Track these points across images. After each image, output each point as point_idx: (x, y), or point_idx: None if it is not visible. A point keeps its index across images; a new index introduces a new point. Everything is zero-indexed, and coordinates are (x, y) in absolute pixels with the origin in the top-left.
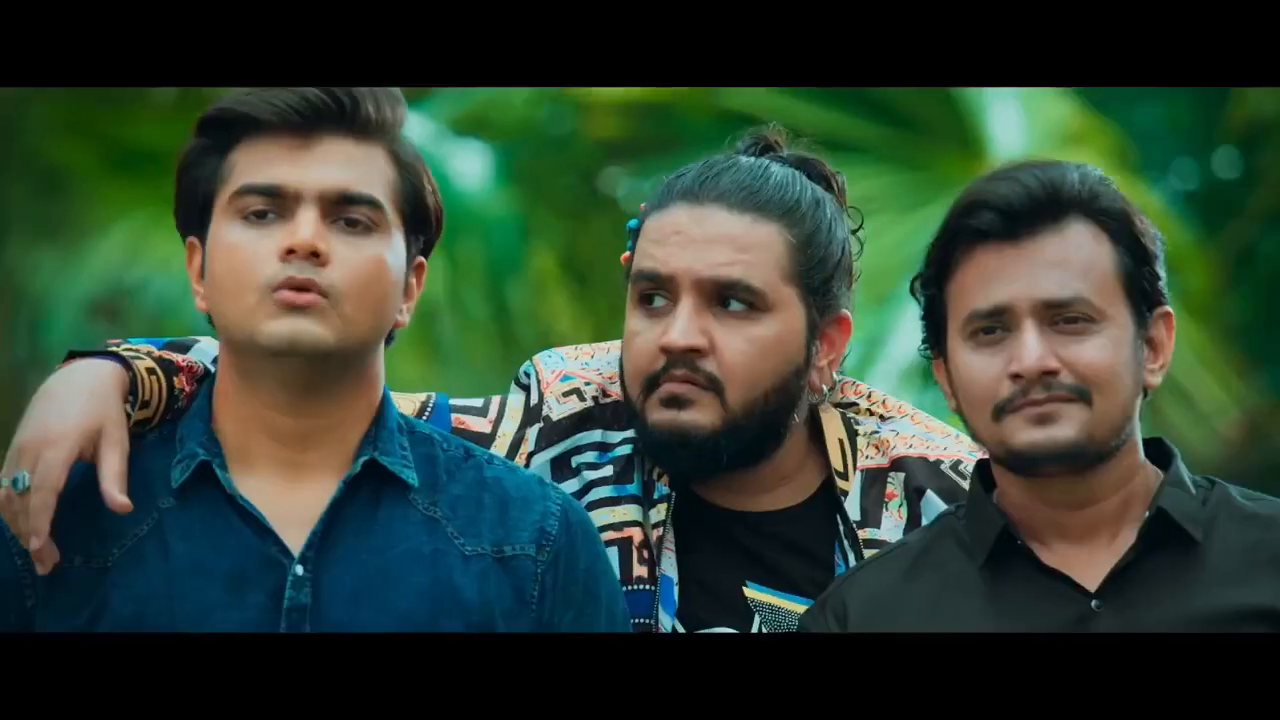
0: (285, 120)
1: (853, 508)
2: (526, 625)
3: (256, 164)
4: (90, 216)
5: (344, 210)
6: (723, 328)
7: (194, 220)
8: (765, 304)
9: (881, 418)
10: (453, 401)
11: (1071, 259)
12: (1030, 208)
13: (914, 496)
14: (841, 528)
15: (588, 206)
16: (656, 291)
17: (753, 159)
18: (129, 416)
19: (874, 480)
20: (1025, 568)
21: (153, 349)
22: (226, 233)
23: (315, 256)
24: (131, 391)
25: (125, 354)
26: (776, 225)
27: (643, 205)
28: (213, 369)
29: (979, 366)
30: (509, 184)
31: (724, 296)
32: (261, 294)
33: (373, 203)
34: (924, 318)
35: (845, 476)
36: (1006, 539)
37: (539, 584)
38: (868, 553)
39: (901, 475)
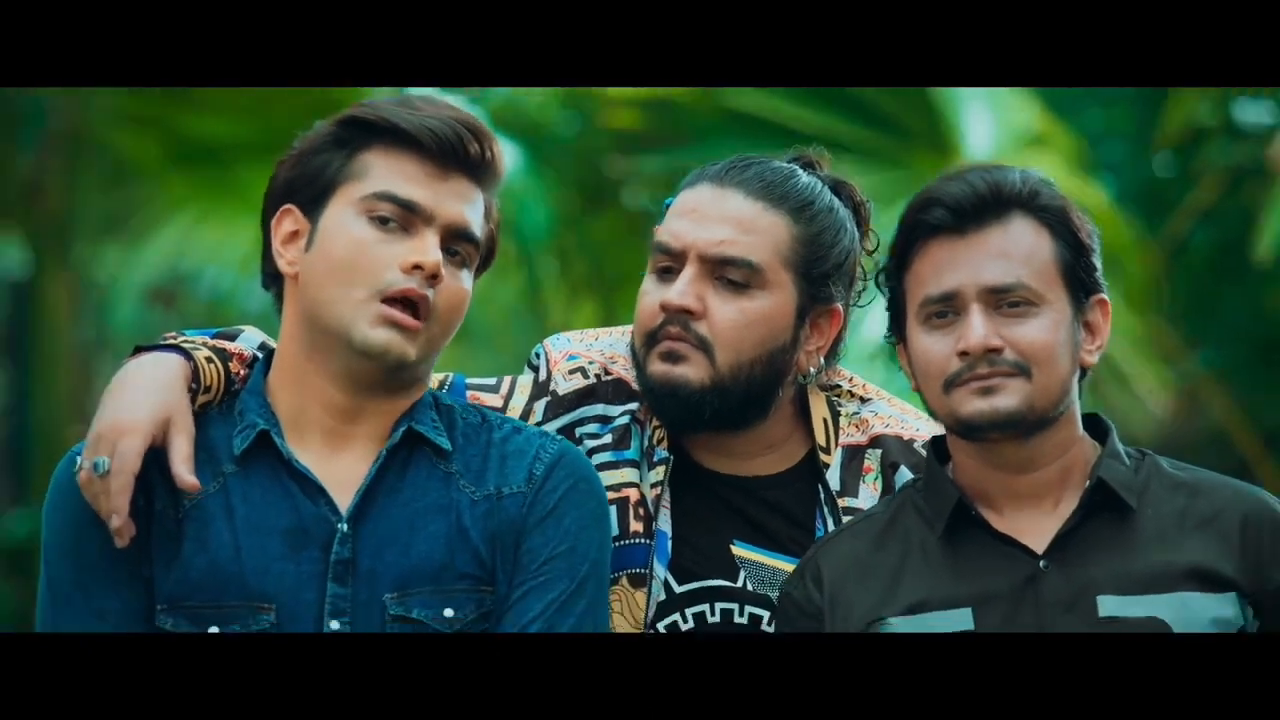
0: (431, 145)
1: (834, 479)
2: (516, 551)
3: (394, 176)
4: (151, 209)
5: (455, 243)
6: (717, 296)
7: (305, 196)
8: (759, 281)
9: (862, 399)
10: (469, 380)
11: (1013, 250)
12: (977, 205)
13: (889, 471)
14: (823, 495)
15: (601, 196)
16: (670, 263)
17: (787, 164)
18: (193, 403)
19: (853, 455)
20: (980, 534)
21: (206, 339)
22: (352, 226)
23: (435, 279)
24: (194, 379)
25: (185, 346)
26: (785, 217)
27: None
28: (260, 354)
29: (932, 346)
30: (533, 176)
31: (723, 269)
32: (372, 294)
33: (476, 243)
34: (888, 308)
35: (828, 451)
36: (961, 510)
37: (525, 508)
38: (845, 518)
39: (879, 452)
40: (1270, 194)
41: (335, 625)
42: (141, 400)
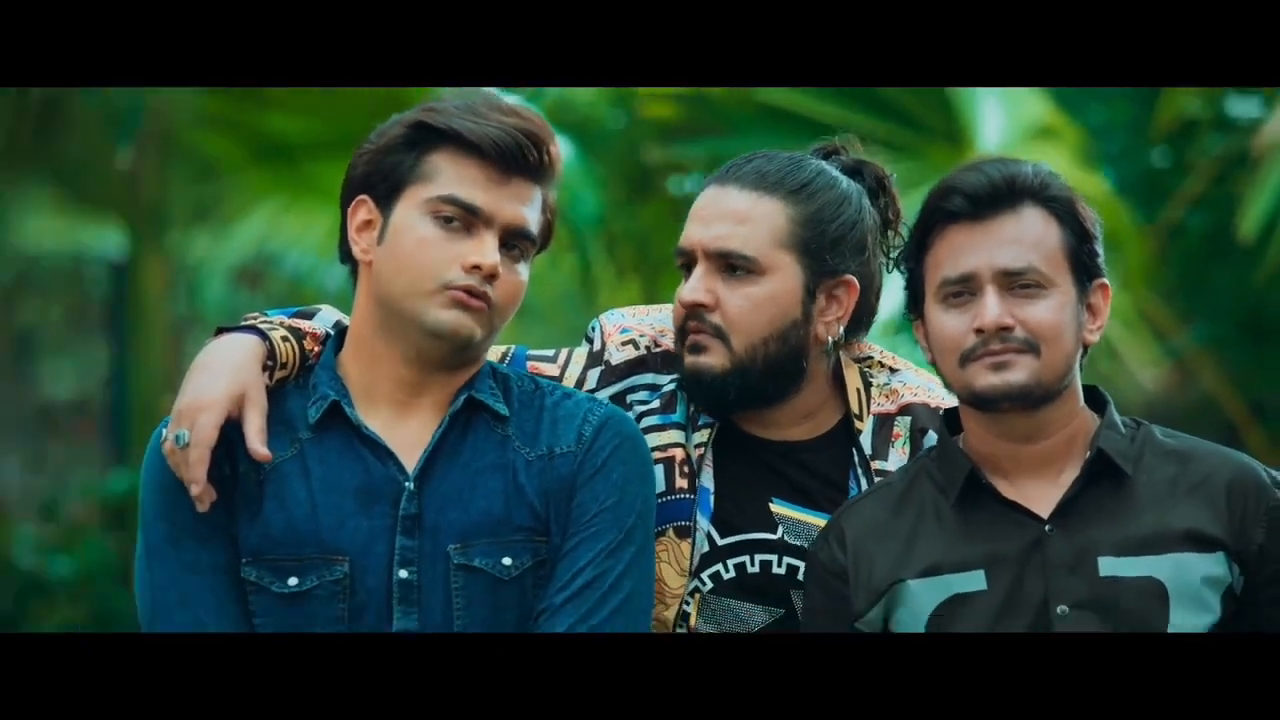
0: (492, 153)
1: (866, 443)
2: (568, 506)
3: (460, 180)
4: (234, 200)
5: (514, 241)
6: (726, 287)
7: (379, 191)
8: (759, 268)
9: (891, 370)
10: (529, 352)
11: (1025, 236)
12: (992, 194)
13: (917, 436)
14: (856, 458)
15: (646, 185)
16: (687, 263)
17: (792, 154)
18: (270, 378)
19: (883, 423)
20: (989, 501)
21: (284, 319)
22: (419, 225)
23: (492, 277)
24: (270, 357)
25: (262, 326)
26: (780, 202)
27: None
28: (332, 332)
29: (949, 323)
30: (584, 167)
31: (726, 260)
32: (438, 287)
33: (533, 239)
34: (906, 287)
35: (860, 418)
36: (973, 478)
37: (575, 466)
38: (876, 479)
39: (907, 419)
40: (1255, 179)
41: (404, 574)
42: (218, 379)
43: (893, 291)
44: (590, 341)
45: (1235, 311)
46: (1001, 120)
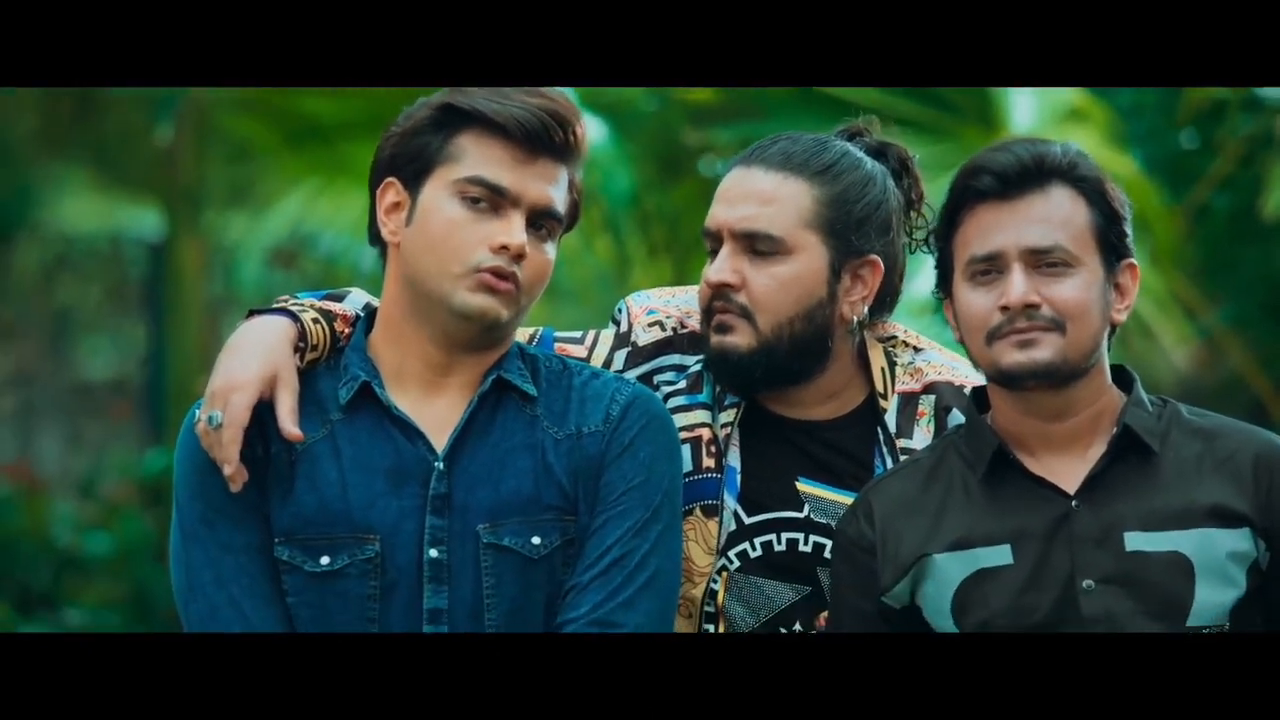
0: (517, 134)
1: (891, 422)
2: (596, 485)
3: (486, 161)
4: (270, 182)
5: (541, 220)
6: (753, 267)
7: (407, 172)
8: (785, 248)
9: (915, 349)
10: (556, 334)
11: (1053, 215)
12: (1020, 173)
13: (942, 414)
14: (881, 437)
15: (678, 166)
16: (714, 245)
17: (817, 135)
18: (301, 360)
19: (908, 401)
20: (1017, 477)
21: (314, 301)
22: (447, 206)
23: (520, 257)
24: (301, 339)
25: (293, 309)
26: (806, 182)
27: None
28: (362, 314)
29: (977, 301)
30: (617, 148)
31: (751, 241)
32: (467, 269)
33: (560, 219)
34: (936, 266)
35: (885, 397)
36: (1001, 454)
37: (603, 445)
38: (902, 458)
39: (932, 398)
40: (1279, 161)
41: (434, 553)
42: (250, 361)
43: (923, 272)
44: (617, 323)
45: (1260, 292)
46: (1032, 103)
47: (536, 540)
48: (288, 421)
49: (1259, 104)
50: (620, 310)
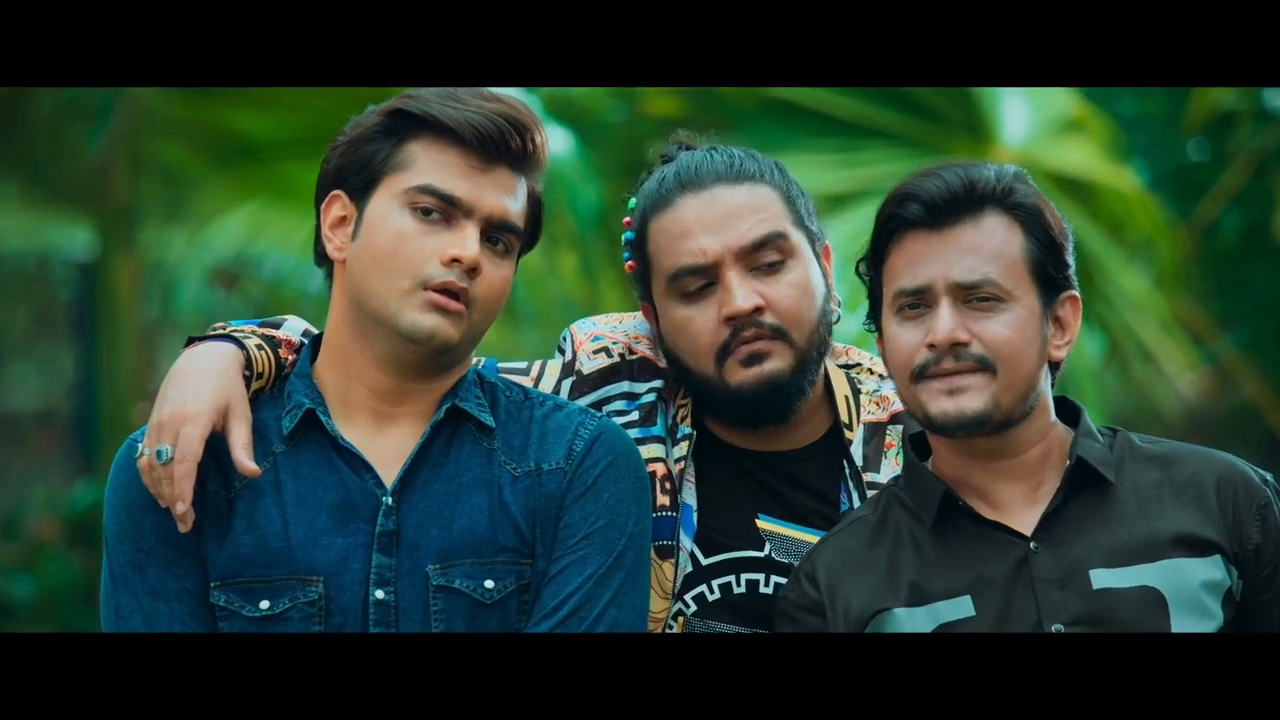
0: (472, 140)
1: (857, 454)
2: (555, 526)
3: (437, 169)
4: (209, 200)
5: (497, 233)
6: (766, 284)
7: (353, 184)
8: (791, 250)
9: (881, 377)
10: (500, 365)
11: (984, 246)
12: (950, 201)
13: (905, 447)
14: (847, 470)
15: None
16: (704, 280)
17: (700, 151)
18: (247, 388)
19: (875, 432)
20: (968, 523)
21: (254, 328)
22: (396, 218)
23: (473, 271)
24: (247, 366)
25: (236, 335)
26: (766, 185)
27: (627, 220)
28: (305, 340)
29: (902, 337)
30: (584, 161)
31: (759, 255)
32: (415, 285)
33: (518, 233)
34: (868, 297)
35: (850, 428)
36: (949, 501)
37: (564, 484)
38: (870, 493)
39: (899, 427)
40: None
41: (380, 594)
42: (201, 388)
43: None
44: (563, 352)
45: (1274, 315)
46: (1026, 112)
47: (490, 584)
48: (242, 455)
49: (1269, 115)
50: (565, 338)
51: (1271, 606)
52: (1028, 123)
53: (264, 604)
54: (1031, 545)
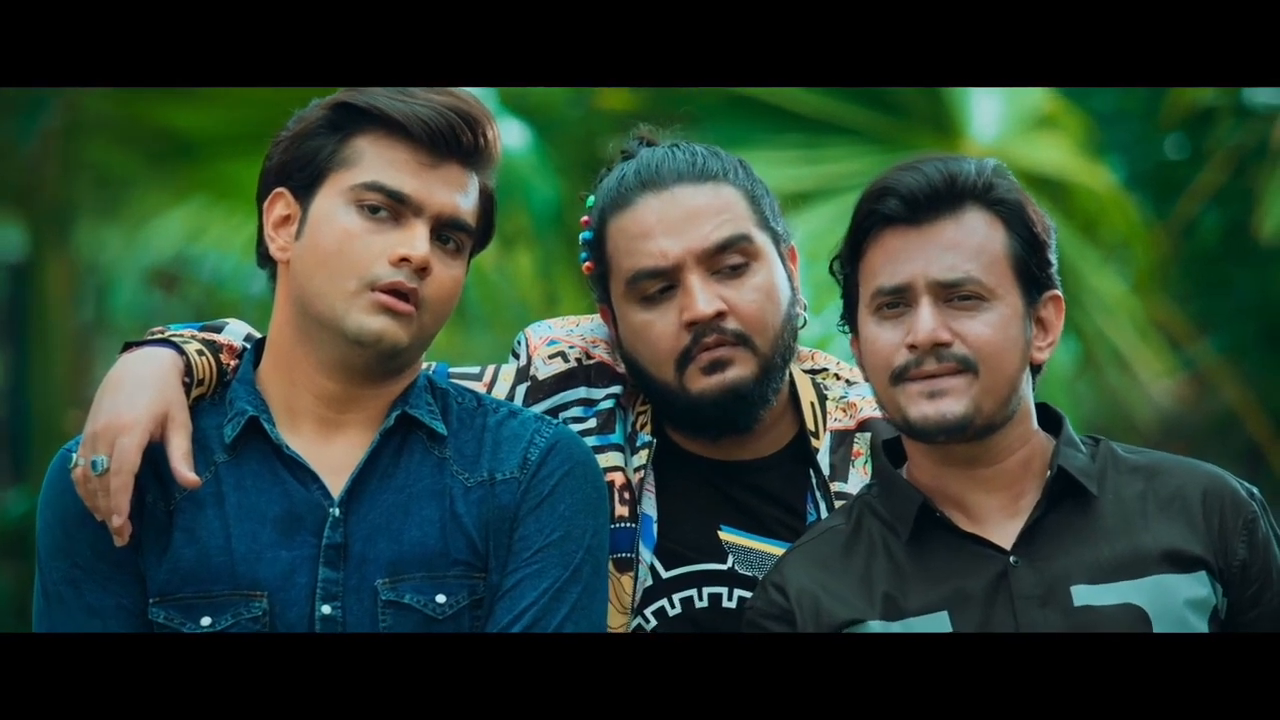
0: (421, 135)
1: (824, 462)
2: (510, 539)
3: (385, 165)
4: (144, 202)
5: (448, 232)
6: (729, 288)
7: (297, 181)
8: (755, 253)
9: (848, 382)
10: (451, 370)
11: (965, 243)
12: (930, 195)
13: (879, 452)
14: (814, 480)
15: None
16: (663, 283)
17: (661, 148)
18: (187, 395)
19: (842, 440)
20: (945, 535)
21: (194, 332)
22: (342, 216)
23: (423, 271)
24: (187, 373)
25: (175, 340)
26: (730, 185)
27: (585, 219)
28: (248, 345)
29: (881, 337)
30: (540, 156)
31: (722, 258)
32: (362, 286)
33: (470, 231)
34: (842, 296)
35: (816, 435)
36: (925, 512)
37: (519, 495)
38: (837, 503)
39: (867, 435)
40: (1277, 172)
41: (327, 610)
42: (138, 396)
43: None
44: (517, 356)
45: (1258, 318)
46: (996, 107)
47: (441, 599)
48: (182, 466)
49: (1250, 110)
50: (519, 342)
51: (1257, 625)
52: (998, 118)
53: (205, 620)
54: (1011, 559)
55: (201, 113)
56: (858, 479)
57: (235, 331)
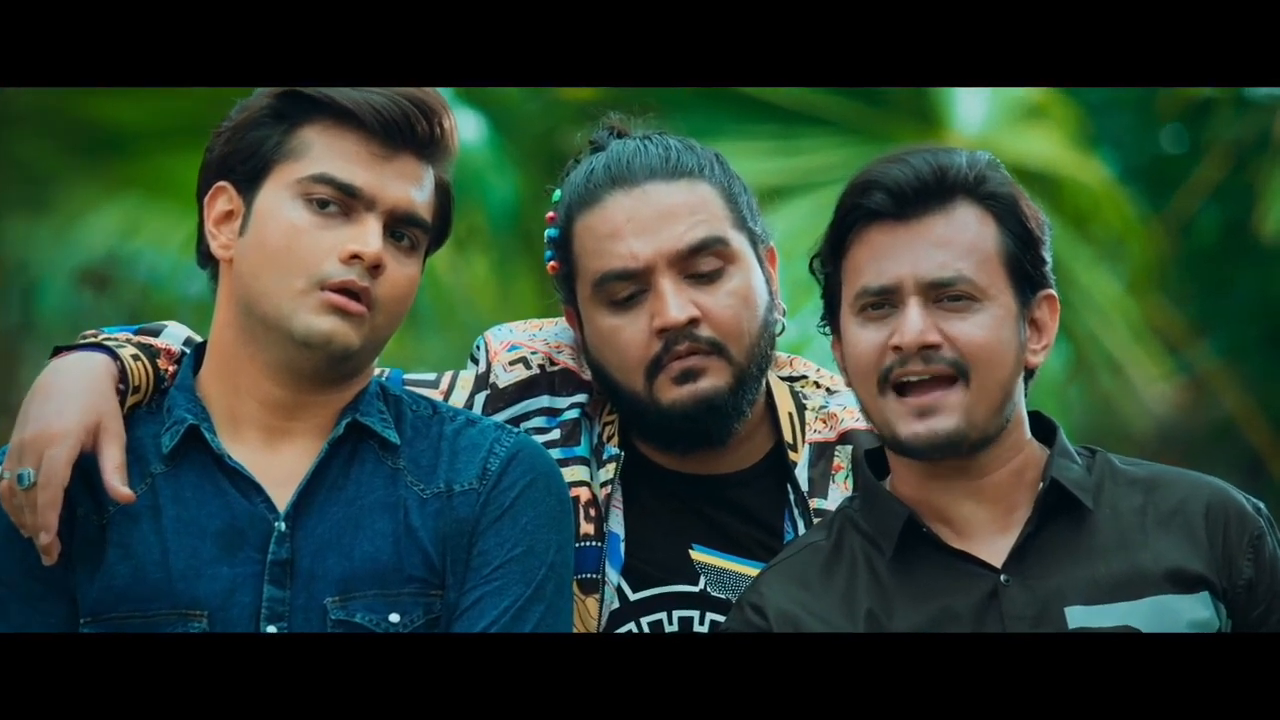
0: (374, 124)
1: (802, 477)
2: (468, 554)
3: (335, 156)
4: (74, 199)
5: (402, 228)
6: (703, 293)
7: (240, 174)
8: (731, 257)
9: (828, 391)
10: (406, 376)
11: (955, 240)
12: (918, 189)
13: (861, 464)
14: (792, 496)
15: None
16: (634, 287)
17: (633, 140)
18: (123, 405)
19: (821, 453)
20: (932, 552)
21: (130, 335)
22: (289, 211)
23: (376, 269)
24: (122, 379)
25: (109, 344)
26: (706, 182)
27: (550, 215)
28: (187, 350)
29: (865, 339)
30: (497, 150)
31: (696, 261)
32: (311, 285)
33: (425, 227)
34: (823, 296)
35: (794, 448)
36: (911, 528)
37: (478, 507)
38: (815, 520)
39: (849, 448)
40: (1277, 168)
41: (272, 630)
42: (68, 405)
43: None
44: (475, 362)
45: (1259, 319)
46: (982, 97)
47: (395, 618)
48: (115, 479)
49: (1250, 101)
50: (479, 347)
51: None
52: (984, 109)
53: None
54: (1002, 578)
55: (135, 105)
56: (838, 494)
57: (174, 335)
